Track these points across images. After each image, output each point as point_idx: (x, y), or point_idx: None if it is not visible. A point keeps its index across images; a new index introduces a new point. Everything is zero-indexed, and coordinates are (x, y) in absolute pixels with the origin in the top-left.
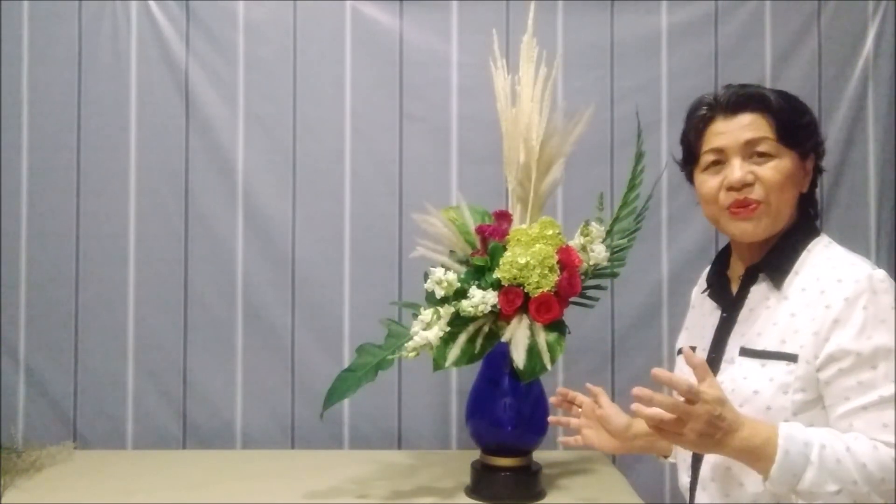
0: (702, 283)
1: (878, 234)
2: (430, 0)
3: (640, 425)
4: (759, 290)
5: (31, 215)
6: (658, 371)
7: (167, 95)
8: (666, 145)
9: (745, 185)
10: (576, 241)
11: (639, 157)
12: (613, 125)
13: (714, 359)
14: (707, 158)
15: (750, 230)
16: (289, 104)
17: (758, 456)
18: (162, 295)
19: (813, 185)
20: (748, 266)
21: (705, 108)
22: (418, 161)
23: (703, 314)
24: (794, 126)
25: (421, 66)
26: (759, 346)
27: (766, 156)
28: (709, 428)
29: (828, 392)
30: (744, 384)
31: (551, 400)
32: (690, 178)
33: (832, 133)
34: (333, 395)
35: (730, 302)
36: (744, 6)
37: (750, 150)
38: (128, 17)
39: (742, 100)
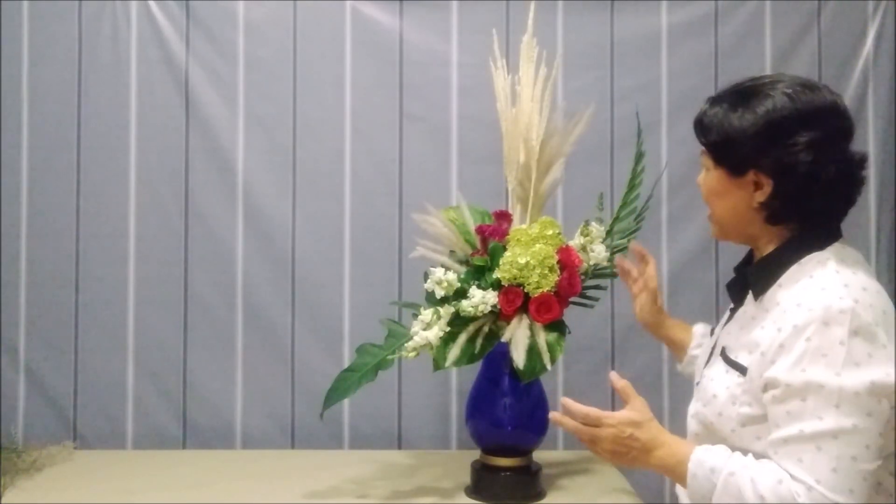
0: None
1: (878, 234)
2: (430, 0)
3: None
4: (750, 295)
5: (31, 215)
6: (565, 401)
7: (167, 95)
8: (666, 145)
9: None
10: (576, 241)
11: (639, 157)
12: (613, 125)
13: (713, 351)
14: None
15: (711, 231)
16: (289, 104)
17: (674, 475)
18: (162, 295)
19: (799, 197)
20: (737, 270)
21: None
22: (418, 161)
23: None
24: (721, 142)
25: (421, 66)
26: (730, 352)
27: (705, 167)
28: (619, 447)
29: (768, 413)
30: (710, 385)
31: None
32: None
33: None
34: (333, 395)
35: (737, 299)
36: (744, 6)
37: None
38: (128, 17)
39: (695, 120)
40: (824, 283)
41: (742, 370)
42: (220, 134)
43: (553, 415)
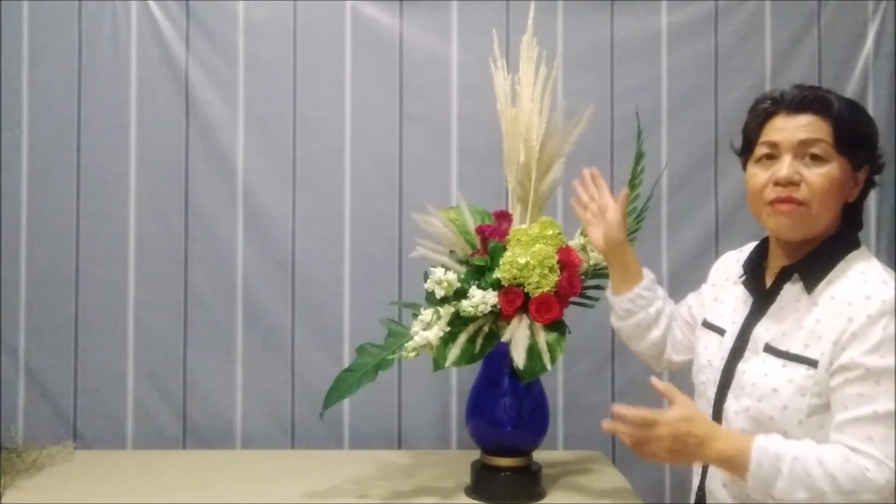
0: (722, 263)
1: (878, 234)
2: (430, 0)
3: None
4: (791, 290)
5: (31, 215)
6: (617, 408)
7: (167, 95)
8: (666, 145)
9: (790, 183)
10: (576, 241)
11: (639, 157)
12: (613, 125)
13: (739, 346)
14: (760, 150)
15: (786, 227)
16: (289, 104)
17: (735, 466)
18: (162, 295)
19: (862, 196)
20: (784, 266)
21: (769, 101)
22: (418, 161)
23: (733, 297)
24: (852, 135)
25: (421, 66)
26: (783, 346)
27: (818, 159)
28: (676, 444)
29: (832, 398)
30: (764, 381)
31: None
32: (744, 166)
33: None
34: (333, 395)
35: (762, 294)
36: (744, 6)
37: (803, 151)
38: (128, 17)
39: (806, 100)
40: (882, 277)
41: (811, 363)
42: (220, 134)
43: (606, 423)
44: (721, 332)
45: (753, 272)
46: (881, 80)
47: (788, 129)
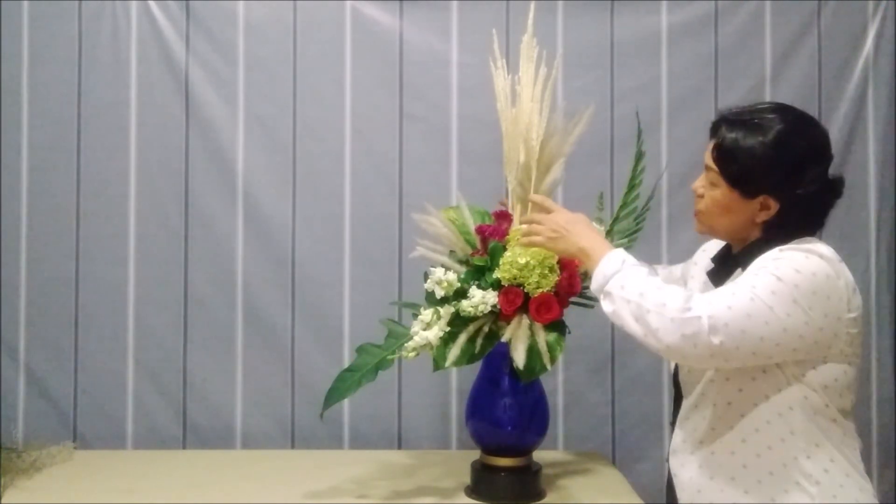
0: (710, 247)
1: (878, 234)
2: (430, 0)
3: None
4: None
5: (31, 215)
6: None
7: (167, 95)
8: (666, 145)
9: (697, 195)
10: None
11: (639, 157)
12: (613, 125)
13: None
14: None
15: (696, 227)
16: (289, 104)
17: (591, 259)
18: (162, 295)
19: (783, 215)
20: (719, 259)
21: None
22: (418, 161)
23: (701, 282)
24: (737, 170)
25: (421, 66)
26: None
27: (711, 183)
28: (553, 233)
29: None
30: None
31: None
32: None
33: (832, 133)
34: (333, 395)
35: (720, 284)
36: (744, 6)
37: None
38: (128, 17)
39: (714, 127)
40: (811, 246)
41: None
42: (220, 134)
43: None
44: None
45: (722, 264)
46: (881, 80)
47: (707, 150)
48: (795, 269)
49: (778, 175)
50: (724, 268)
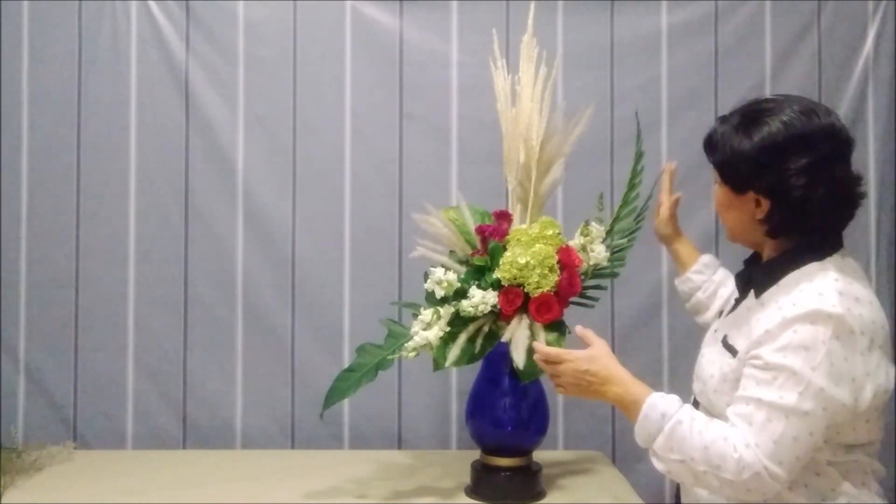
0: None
1: (878, 234)
2: (430, 0)
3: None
4: (751, 292)
5: (31, 215)
6: (535, 344)
7: (167, 95)
8: (666, 145)
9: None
10: (576, 241)
11: (639, 156)
12: (613, 125)
13: (712, 334)
14: None
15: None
16: (289, 104)
17: (628, 412)
18: (162, 295)
19: (779, 214)
20: (746, 263)
21: None
22: (418, 161)
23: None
24: (726, 166)
25: (421, 66)
26: (730, 340)
27: (715, 179)
28: (578, 381)
29: (741, 382)
30: (708, 367)
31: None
32: None
33: None
34: (333, 395)
35: (742, 291)
36: (744, 6)
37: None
38: (128, 17)
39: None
40: (822, 289)
41: (734, 352)
42: (220, 134)
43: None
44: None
45: (745, 271)
46: (881, 80)
47: None
48: (806, 349)
49: (754, 164)
50: (745, 281)
